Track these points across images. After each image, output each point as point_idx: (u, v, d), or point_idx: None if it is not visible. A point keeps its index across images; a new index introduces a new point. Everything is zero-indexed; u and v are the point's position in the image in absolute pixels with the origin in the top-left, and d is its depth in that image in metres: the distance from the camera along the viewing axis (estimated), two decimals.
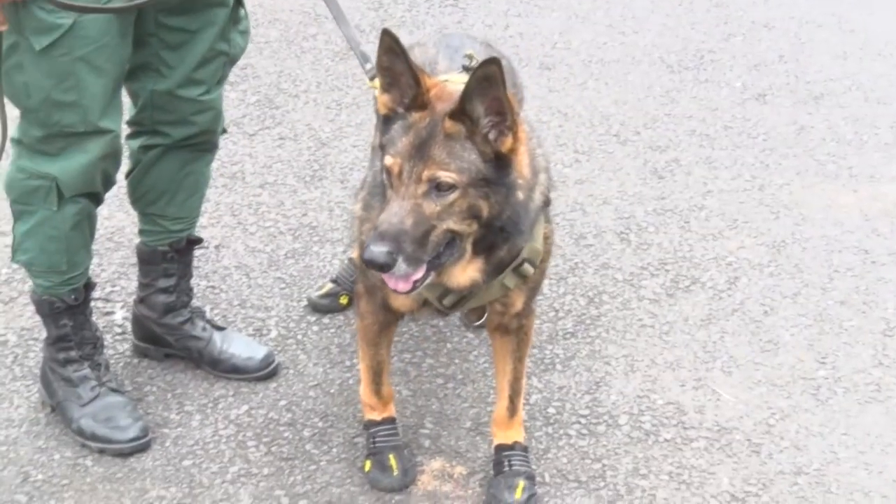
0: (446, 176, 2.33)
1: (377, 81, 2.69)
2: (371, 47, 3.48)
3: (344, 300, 3.61)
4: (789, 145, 4.90)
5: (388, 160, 2.38)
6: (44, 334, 3.14)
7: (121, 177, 3.08)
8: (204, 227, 3.93)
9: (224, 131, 3.18)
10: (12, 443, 3.05)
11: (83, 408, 3.04)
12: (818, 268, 4.02)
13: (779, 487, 3.03)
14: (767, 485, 3.03)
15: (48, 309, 3.03)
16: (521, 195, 2.46)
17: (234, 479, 2.97)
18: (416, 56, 3.06)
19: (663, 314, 3.72)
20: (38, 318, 3.16)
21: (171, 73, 2.91)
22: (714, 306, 3.77)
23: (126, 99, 2.97)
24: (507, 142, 2.37)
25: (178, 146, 3.06)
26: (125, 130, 3.04)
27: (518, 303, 2.78)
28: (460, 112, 2.35)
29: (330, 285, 3.65)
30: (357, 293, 2.93)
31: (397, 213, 2.33)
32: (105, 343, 3.25)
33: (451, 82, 2.64)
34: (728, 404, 3.33)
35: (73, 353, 3.08)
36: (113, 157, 2.87)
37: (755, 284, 3.91)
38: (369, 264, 2.33)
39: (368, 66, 2.83)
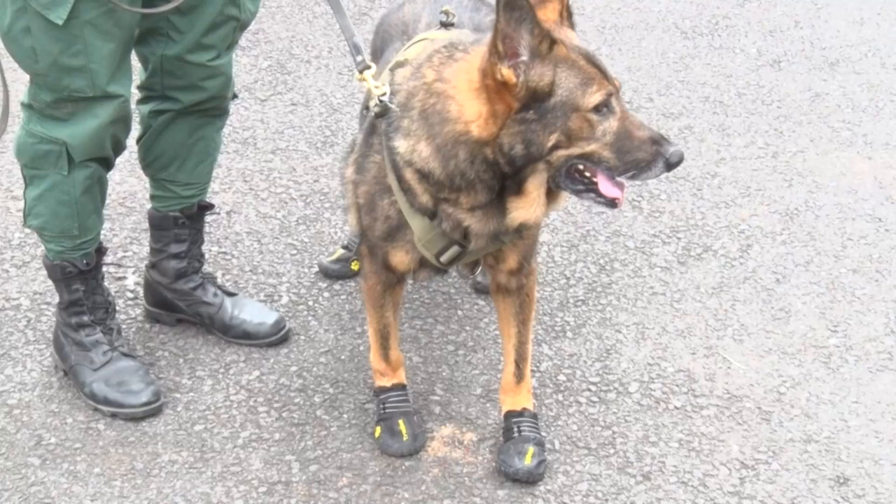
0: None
1: (367, 74, 2.66)
2: (381, 12, 3.42)
3: (355, 266, 3.61)
4: (804, 112, 4.87)
5: (605, 91, 2.39)
6: (56, 299, 3.15)
7: (132, 142, 3.08)
8: (216, 193, 3.94)
9: (235, 97, 3.17)
10: (25, 406, 3.07)
11: (95, 372, 3.06)
12: (831, 236, 4.00)
13: (789, 455, 3.03)
14: (777, 452, 3.04)
15: (60, 274, 3.04)
16: None
17: (246, 443, 2.98)
18: (407, 13, 3.05)
19: (675, 282, 3.72)
20: (50, 282, 3.17)
21: (181, 37, 2.89)
22: (726, 274, 3.76)
23: (136, 63, 2.97)
24: None
25: (189, 112, 3.05)
26: (135, 95, 3.04)
27: (511, 260, 2.79)
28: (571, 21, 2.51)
29: (341, 251, 3.65)
30: (360, 254, 2.94)
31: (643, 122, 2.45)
32: (117, 308, 3.27)
33: (429, 40, 2.63)
34: (739, 372, 3.33)
35: (85, 318, 3.09)
36: (123, 121, 2.86)
37: (767, 252, 3.89)
38: (680, 161, 2.41)
39: (359, 58, 2.76)
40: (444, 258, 2.68)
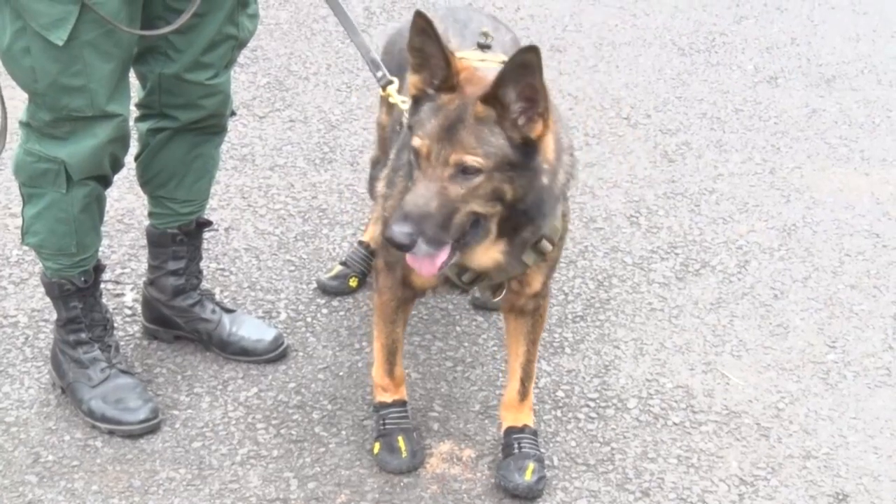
0: (473, 160, 2.34)
1: (391, 89, 2.69)
2: (381, 29, 3.45)
3: (353, 282, 3.61)
4: (801, 128, 4.88)
5: (417, 142, 2.38)
6: (54, 316, 3.14)
7: (130, 159, 3.08)
8: (214, 210, 3.94)
9: (233, 114, 3.17)
10: (23, 424, 3.06)
11: (93, 389, 3.05)
12: (829, 251, 4.01)
13: (788, 471, 3.03)
14: (776, 468, 3.03)
15: (58, 291, 3.04)
16: (545, 180, 2.47)
17: (244, 460, 2.98)
18: None
19: (673, 298, 3.72)
20: (48, 299, 3.17)
21: (180, 56, 2.90)
22: (724, 290, 3.77)
23: (134, 81, 2.97)
24: (537, 128, 2.38)
25: (187, 129, 3.05)
26: (134, 113, 3.04)
27: (536, 282, 2.79)
28: (492, 97, 2.35)
29: (339, 268, 3.65)
30: (377, 268, 2.94)
31: (423, 194, 2.35)
32: (115, 325, 3.27)
33: (466, 60, 2.64)
34: (737, 388, 3.33)
35: (83, 335, 3.09)
36: (121, 140, 2.86)
37: (765, 268, 3.90)
38: (390, 242, 2.36)
39: (380, 73, 2.80)
40: (465, 278, 2.70)
